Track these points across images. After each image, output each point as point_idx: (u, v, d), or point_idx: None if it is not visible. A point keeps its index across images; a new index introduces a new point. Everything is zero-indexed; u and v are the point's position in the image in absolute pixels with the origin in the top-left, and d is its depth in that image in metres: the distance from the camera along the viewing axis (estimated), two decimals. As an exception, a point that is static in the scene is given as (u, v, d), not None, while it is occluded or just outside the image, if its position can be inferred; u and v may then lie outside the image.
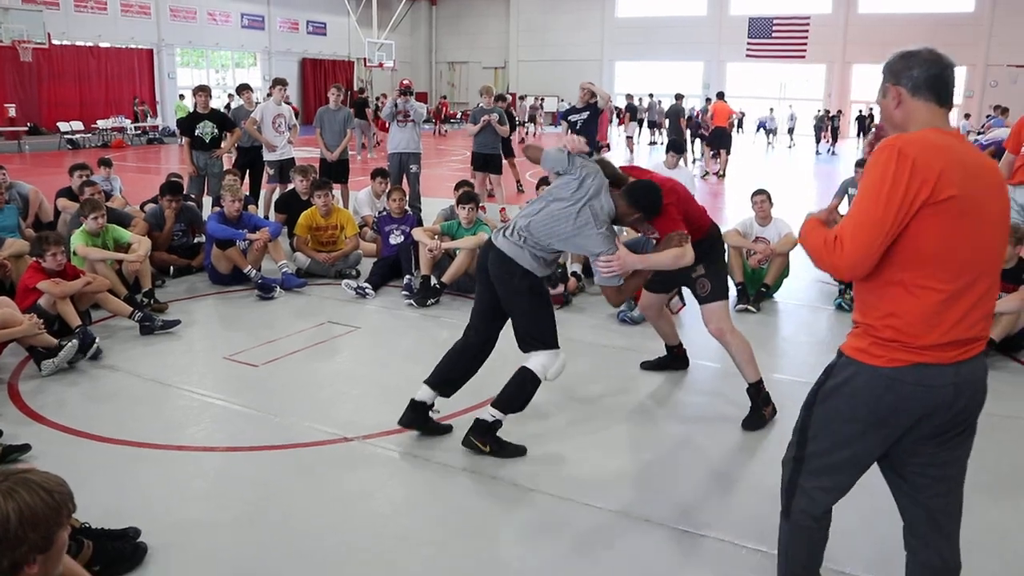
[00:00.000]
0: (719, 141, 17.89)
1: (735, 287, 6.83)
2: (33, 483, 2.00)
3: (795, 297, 7.40)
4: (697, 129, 21.27)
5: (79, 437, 4.28)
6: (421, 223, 8.15)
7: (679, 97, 19.64)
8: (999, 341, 5.47)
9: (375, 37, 31.49)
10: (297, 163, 9.90)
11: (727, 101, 18.99)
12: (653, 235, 4.39)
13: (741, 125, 31.13)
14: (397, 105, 10.37)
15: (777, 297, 7.32)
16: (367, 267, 7.80)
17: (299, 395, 4.96)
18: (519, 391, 4.06)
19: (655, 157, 20.24)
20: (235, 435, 4.37)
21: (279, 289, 7.17)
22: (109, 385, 5.07)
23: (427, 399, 4.24)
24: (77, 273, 5.88)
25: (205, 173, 9.69)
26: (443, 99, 36.24)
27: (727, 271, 4.83)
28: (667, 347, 5.42)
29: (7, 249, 6.51)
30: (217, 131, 9.67)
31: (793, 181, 18.86)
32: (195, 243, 8.04)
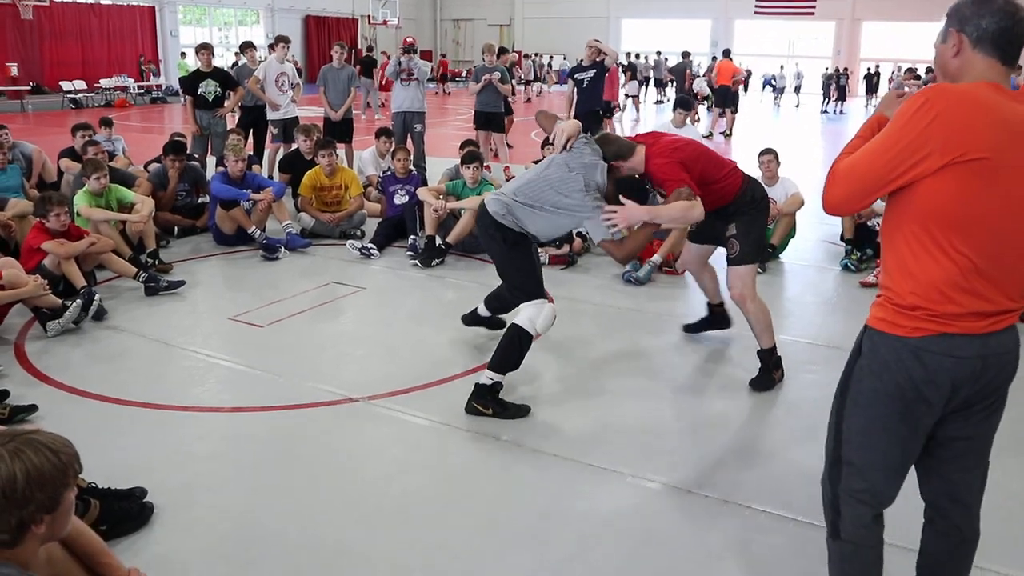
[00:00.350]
0: (724, 100, 17.71)
1: None
2: (39, 443, 2.00)
3: (801, 257, 7.37)
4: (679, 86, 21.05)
5: (85, 398, 4.30)
6: (426, 183, 8.11)
7: (686, 55, 19.43)
8: None
9: (379, -7, 31.15)
10: (301, 122, 9.84)
11: (733, 60, 18.75)
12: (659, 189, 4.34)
13: (747, 85, 30.64)
14: (401, 63, 10.25)
15: (783, 257, 7.29)
16: (372, 227, 7.77)
17: (304, 355, 4.97)
18: (511, 349, 4.11)
19: (663, 117, 20.02)
20: (240, 395, 4.39)
21: (283, 249, 7.16)
22: (114, 346, 5.08)
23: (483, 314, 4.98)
24: (81, 234, 5.87)
25: (208, 132, 9.62)
26: (443, 57, 35.79)
27: (762, 233, 4.58)
28: (708, 305, 5.25)
29: (11, 209, 6.51)
30: (220, 90, 9.58)
31: (800, 140, 18.69)
32: (199, 203, 8.00)
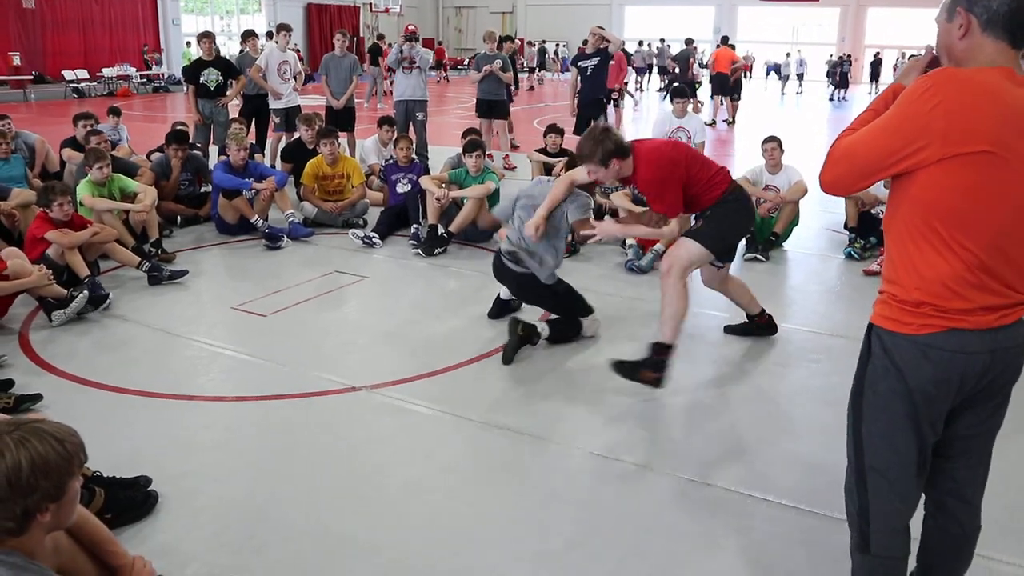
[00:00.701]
0: (723, 88, 17.63)
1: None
2: (45, 432, 2.01)
3: (804, 246, 7.36)
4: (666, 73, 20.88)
5: (89, 387, 4.32)
6: (428, 171, 8.09)
7: (689, 42, 19.30)
8: None
9: (381, -19, 31.04)
10: (303, 111, 9.82)
11: (736, 47, 18.66)
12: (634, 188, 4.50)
13: (749, 72, 30.44)
14: (403, 51, 10.19)
15: (786, 246, 7.28)
16: (374, 216, 7.77)
17: (307, 345, 4.98)
18: (566, 326, 4.92)
19: (667, 106, 19.93)
20: (243, 385, 4.40)
21: (286, 239, 7.16)
22: (118, 335, 5.10)
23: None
24: (84, 223, 5.88)
25: (211, 121, 9.60)
26: (439, 45, 35.43)
27: (734, 231, 4.42)
28: (747, 316, 5.06)
29: (14, 199, 6.51)
30: (222, 78, 9.57)
31: (805, 128, 18.62)
32: (202, 192, 8.01)
